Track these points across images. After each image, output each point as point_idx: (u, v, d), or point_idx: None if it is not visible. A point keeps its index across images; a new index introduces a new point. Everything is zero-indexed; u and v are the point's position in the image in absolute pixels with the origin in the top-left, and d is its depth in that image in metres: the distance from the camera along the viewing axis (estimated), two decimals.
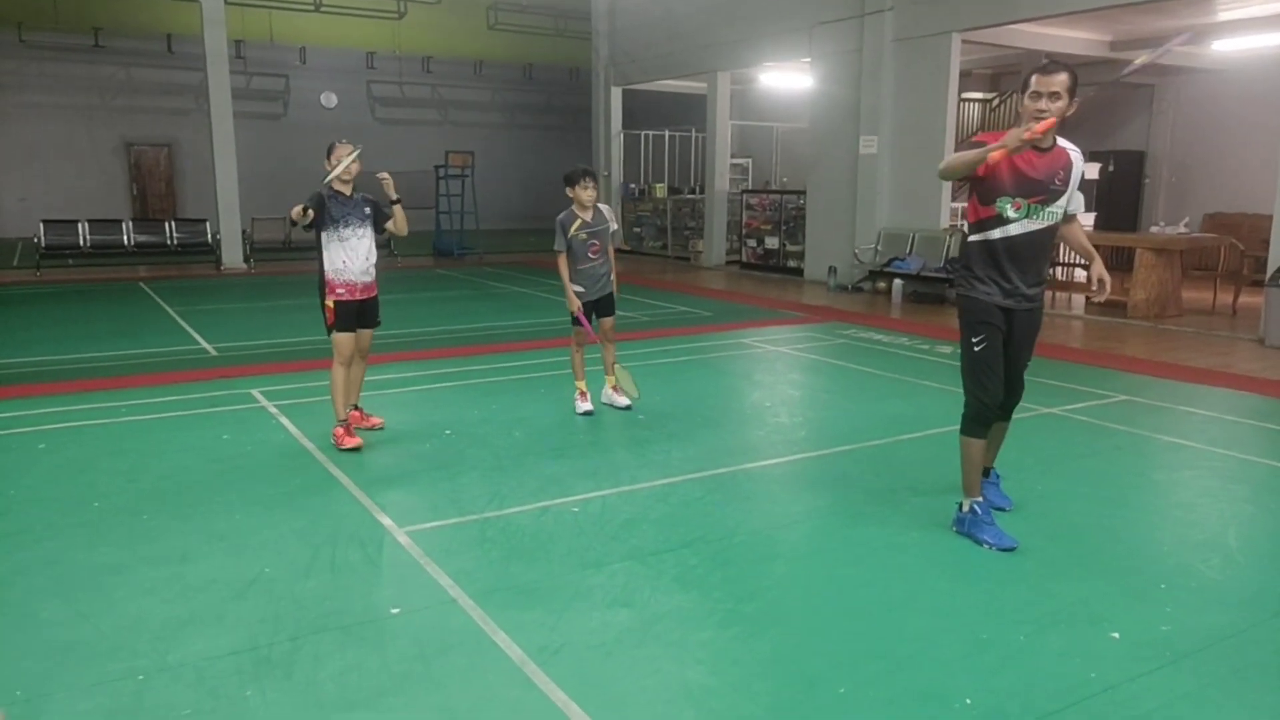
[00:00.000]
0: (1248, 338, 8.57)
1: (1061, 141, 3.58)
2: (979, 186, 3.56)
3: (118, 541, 3.69)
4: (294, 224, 4.68)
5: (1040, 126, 3.30)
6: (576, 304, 5.49)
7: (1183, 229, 10.74)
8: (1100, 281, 3.84)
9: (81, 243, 14.84)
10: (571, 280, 5.50)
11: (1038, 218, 3.55)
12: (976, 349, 3.69)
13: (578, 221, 5.45)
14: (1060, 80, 3.39)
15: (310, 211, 4.64)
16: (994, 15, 10.71)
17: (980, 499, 3.76)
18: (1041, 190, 3.52)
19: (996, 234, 3.58)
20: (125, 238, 15.24)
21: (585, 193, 5.39)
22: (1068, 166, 3.56)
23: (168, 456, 4.83)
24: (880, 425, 5.52)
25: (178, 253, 15.58)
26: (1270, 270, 8.27)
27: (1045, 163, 3.52)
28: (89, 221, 15.20)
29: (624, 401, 5.80)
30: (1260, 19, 10.87)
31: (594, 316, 5.63)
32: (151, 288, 12.48)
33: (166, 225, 15.88)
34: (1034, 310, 3.73)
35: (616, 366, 5.73)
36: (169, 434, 5.29)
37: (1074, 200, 3.64)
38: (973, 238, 3.67)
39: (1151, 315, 9.82)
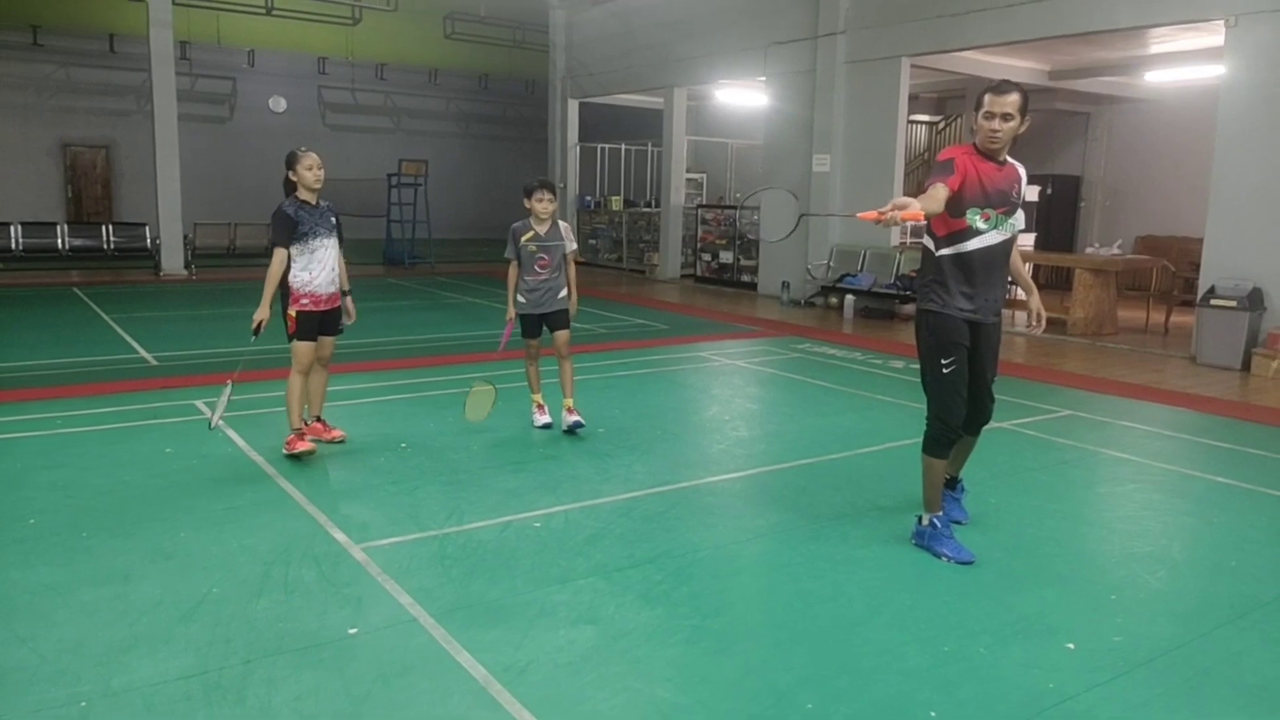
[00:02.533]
0: (1180, 355, 8.91)
1: (1009, 158, 3.69)
2: (951, 199, 3.55)
3: (56, 560, 3.51)
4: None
5: (906, 215, 3.18)
6: (510, 314, 5.49)
7: (1116, 250, 11.17)
8: (1039, 316, 3.93)
9: (13, 246, 14.26)
10: (519, 290, 5.45)
11: (1003, 228, 3.62)
12: (946, 370, 3.66)
13: (530, 233, 5.38)
14: (1012, 100, 3.47)
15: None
16: (941, 42, 11.06)
17: (940, 514, 3.80)
18: (1004, 201, 3.60)
19: (969, 246, 3.59)
20: (60, 241, 14.69)
21: (539, 205, 5.33)
22: (1020, 180, 3.68)
23: (107, 470, 4.64)
24: (837, 439, 5.59)
25: (115, 257, 15.06)
26: (1201, 291, 8.62)
27: (1003, 176, 3.62)
28: (21, 224, 14.61)
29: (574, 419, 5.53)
30: (1189, 52, 11.41)
31: (543, 328, 5.55)
32: (87, 293, 12.02)
33: (103, 229, 15.35)
34: (997, 324, 3.79)
35: (479, 388, 5.40)
36: (108, 447, 5.08)
37: (1019, 216, 3.71)
38: (943, 252, 3.65)
39: (1090, 333, 10.17)
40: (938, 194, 3.41)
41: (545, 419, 5.60)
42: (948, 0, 10.78)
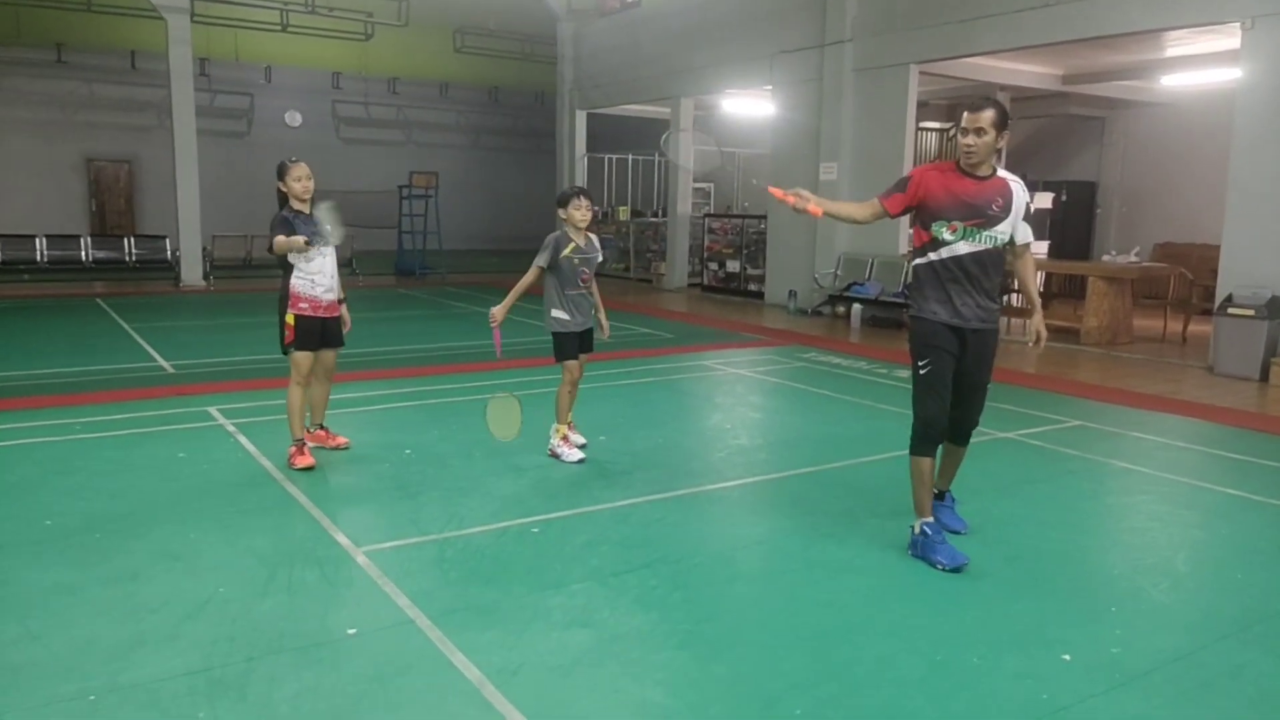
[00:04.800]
0: (1197, 365, 8.82)
1: (1002, 172, 3.79)
2: (919, 214, 3.78)
3: (70, 561, 3.61)
4: (274, 254, 4.73)
5: (808, 207, 3.70)
6: (500, 313, 4.87)
7: (1133, 258, 11.06)
8: (1037, 335, 4.00)
9: (38, 258, 14.56)
10: (559, 306, 5.04)
11: (975, 240, 3.71)
12: (923, 371, 3.81)
13: (572, 244, 5.01)
14: (986, 116, 3.62)
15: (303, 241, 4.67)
16: (949, 49, 11.04)
17: (931, 519, 3.82)
18: (977, 214, 3.70)
19: (938, 256, 3.76)
20: (83, 254, 14.98)
21: (578, 213, 4.97)
22: (1006, 194, 3.75)
23: (121, 475, 4.74)
24: (839, 448, 5.59)
25: (136, 269, 15.33)
26: (1218, 299, 8.54)
27: (982, 190, 3.72)
28: (46, 237, 14.91)
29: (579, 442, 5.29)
30: (1205, 55, 11.33)
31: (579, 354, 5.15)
32: (109, 304, 12.25)
33: (125, 241, 15.64)
34: (985, 331, 3.82)
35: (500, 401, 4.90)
36: (123, 452, 5.18)
37: (1020, 229, 3.80)
38: (918, 261, 3.87)
39: (1104, 342, 10.08)
40: (861, 209, 3.85)
41: (577, 454, 5.10)
42: (956, 7, 10.76)
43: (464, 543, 3.87)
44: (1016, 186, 3.77)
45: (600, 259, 5.33)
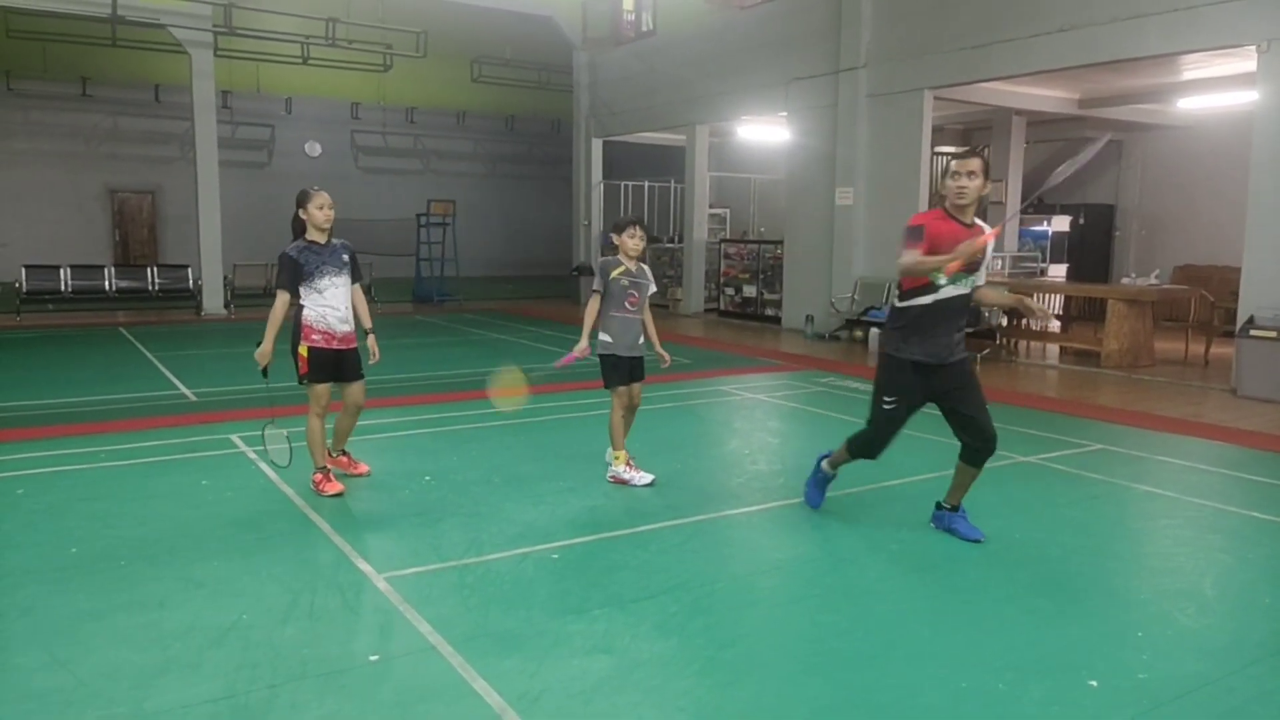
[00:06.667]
0: (1220, 388, 8.73)
1: (977, 220, 4.14)
2: None
3: (95, 588, 3.64)
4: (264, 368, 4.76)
5: (981, 241, 3.88)
6: (583, 344, 5.09)
7: (1153, 280, 10.97)
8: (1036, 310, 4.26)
9: (63, 288, 14.80)
10: (601, 328, 5.12)
11: (963, 284, 4.07)
12: (888, 407, 4.20)
13: (621, 268, 5.15)
14: (975, 163, 4.02)
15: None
16: (963, 74, 11.10)
17: (832, 469, 4.66)
18: (975, 262, 4.04)
19: (929, 299, 4.04)
20: (107, 283, 15.21)
21: (631, 241, 5.09)
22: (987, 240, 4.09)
23: (145, 502, 4.79)
24: (857, 473, 5.51)
25: (159, 298, 15.54)
26: (1240, 321, 8.47)
27: (969, 236, 4.01)
28: (71, 267, 15.17)
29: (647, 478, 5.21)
30: (1222, 78, 11.31)
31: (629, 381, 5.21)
32: (132, 333, 12.43)
33: (148, 271, 15.87)
34: (960, 360, 4.12)
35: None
36: (147, 480, 5.24)
37: (981, 272, 4.16)
38: (903, 303, 4.14)
39: (1125, 365, 9.99)
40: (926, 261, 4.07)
41: (647, 476, 5.16)
42: (970, 32, 10.83)
43: (484, 569, 3.88)
44: (987, 230, 4.10)
45: (653, 289, 5.38)
